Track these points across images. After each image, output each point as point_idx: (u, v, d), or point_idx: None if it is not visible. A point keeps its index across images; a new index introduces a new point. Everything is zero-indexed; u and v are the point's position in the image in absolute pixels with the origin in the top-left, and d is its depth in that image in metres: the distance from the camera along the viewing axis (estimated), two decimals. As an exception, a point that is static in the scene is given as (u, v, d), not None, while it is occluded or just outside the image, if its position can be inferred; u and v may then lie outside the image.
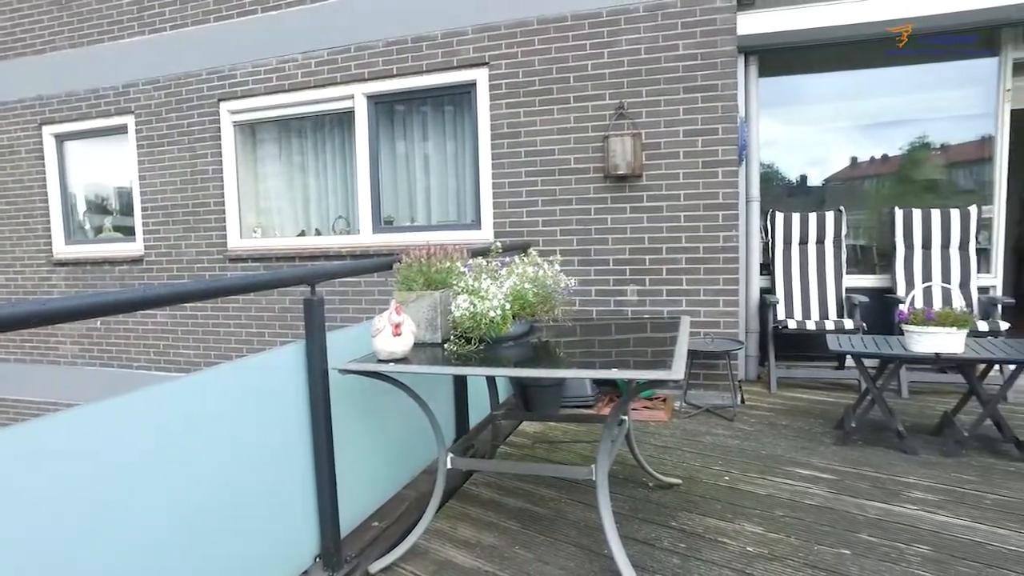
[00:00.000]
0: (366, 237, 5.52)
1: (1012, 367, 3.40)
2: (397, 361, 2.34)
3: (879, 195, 5.27)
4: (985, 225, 4.87)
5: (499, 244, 2.85)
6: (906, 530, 2.67)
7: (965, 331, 3.26)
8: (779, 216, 4.95)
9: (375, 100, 5.41)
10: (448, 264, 2.68)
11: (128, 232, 6.58)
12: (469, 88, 5.10)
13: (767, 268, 5.06)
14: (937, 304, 4.63)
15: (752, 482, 3.18)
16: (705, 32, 4.45)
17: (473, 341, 2.49)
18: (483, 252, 2.87)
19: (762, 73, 5.11)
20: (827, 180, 5.39)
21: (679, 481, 3.17)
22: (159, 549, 1.77)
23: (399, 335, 2.34)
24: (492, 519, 2.89)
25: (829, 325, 4.55)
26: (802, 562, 2.45)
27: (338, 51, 5.36)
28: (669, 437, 3.86)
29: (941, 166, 5.14)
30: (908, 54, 5.04)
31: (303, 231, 5.99)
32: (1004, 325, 4.31)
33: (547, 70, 4.75)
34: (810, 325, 4.60)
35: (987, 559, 2.44)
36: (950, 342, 3.25)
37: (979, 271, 4.75)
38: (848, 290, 4.90)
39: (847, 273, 5.05)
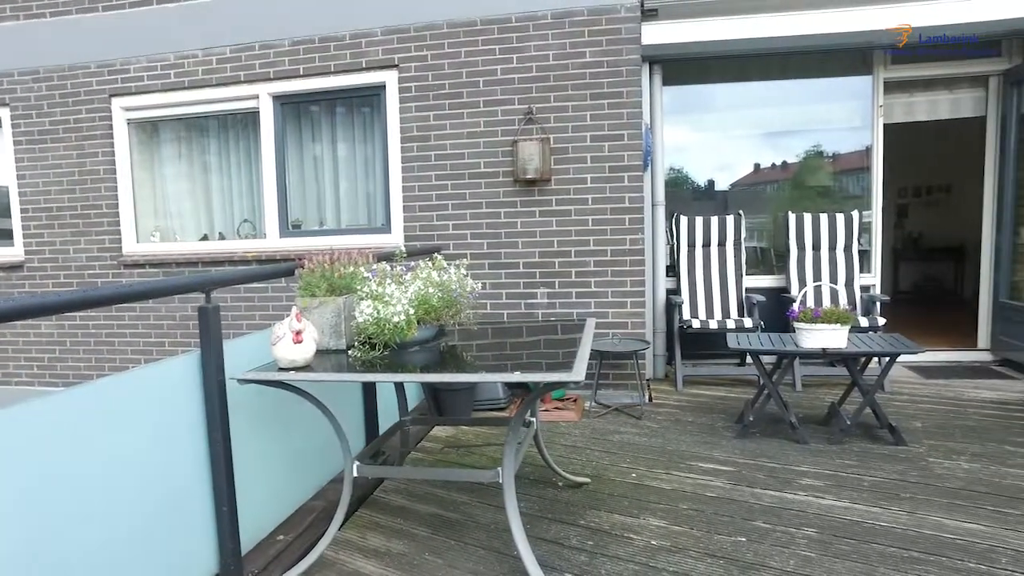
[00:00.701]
0: (273, 241, 5.34)
1: (887, 359, 3.68)
2: (299, 369, 2.28)
3: (778, 200, 5.58)
4: (866, 229, 5.24)
5: (403, 249, 2.82)
6: (797, 515, 2.83)
7: (847, 327, 3.50)
8: (683, 220, 5.15)
9: (281, 100, 5.25)
10: (352, 269, 2.63)
11: (4, 236, 6.09)
12: (378, 90, 5.03)
13: (673, 270, 5.25)
14: (826, 302, 4.94)
15: (658, 478, 3.28)
16: (611, 41, 4.58)
17: (378, 347, 2.46)
18: (388, 257, 2.84)
19: (666, 82, 5.30)
20: (733, 185, 5.67)
21: (588, 480, 3.24)
22: (32, 578, 1.65)
23: (300, 342, 2.28)
24: (402, 526, 2.86)
25: (730, 324, 4.77)
26: (703, 552, 2.56)
27: (241, 48, 5.17)
28: (579, 437, 3.93)
29: (831, 174, 5.51)
30: (798, 69, 5.38)
31: (206, 235, 5.73)
32: (881, 321, 4.65)
33: (457, 74, 4.76)
34: (713, 324, 4.81)
35: (863, 536, 2.62)
36: (835, 338, 3.47)
37: (861, 271, 5.10)
38: (748, 290, 5.15)
39: (748, 274, 5.32)
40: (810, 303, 4.83)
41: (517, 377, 2.03)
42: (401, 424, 3.21)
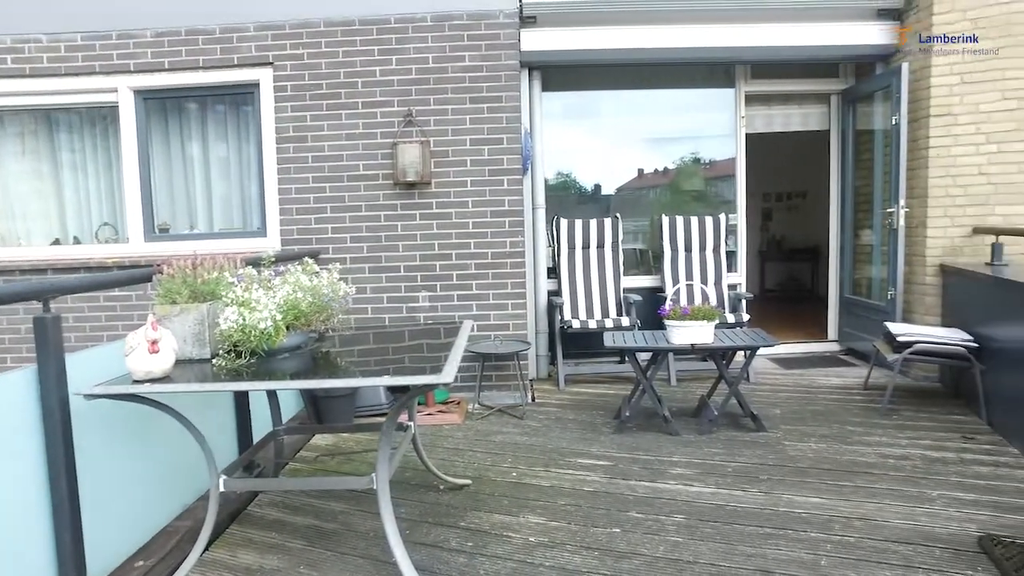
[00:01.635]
0: (137, 246, 4.98)
1: (749, 352, 3.95)
2: (156, 381, 2.14)
3: (658, 204, 5.87)
4: (732, 231, 5.60)
5: (271, 253, 2.72)
6: (667, 504, 2.97)
7: (713, 323, 3.72)
8: (563, 222, 5.28)
9: (144, 95, 4.91)
10: (216, 275, 2.50)
11: None
12: (252, 88, 4.82)
13: (554, 272, 5.38)
14: (698, 300, 5.23)
15: (537, 475, 3.35)
16: (490, 45, 4.63)
17: (244, 355, 2.35)
18: (255, 262, 2.73)
19: (546, 88, 5.43)
20: (619, 190, 5.91)
21: (468, 481, 3.25)
22: None
23: (157, 352, 2.14)
24: (276, 540, 2.75)
25: (609, 323, 4.95)
26: (579, 545, 2.63)
27: (95, 36, 4.78)
28: (462, 439, 3.94)
29: (705, 179, 5.87)
30: (670, 79, 5.68)
31: (58, 239, 5.26)
32: (746, 317, 4.98)
33: (334, 74, 4.64)
34: (592, 324, 4.96)
35: (725, 518, 2.80)
36: (702, 333, 3.69)
37: (728, 271, 5.44)
38: (626, 290, 5.35)
39: (628, 274, 5.55)
40: (683, 301, 5.10)
41: (386, 381, 2.00)
42: (275, 434, 3.09)
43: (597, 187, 5.91)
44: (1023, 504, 2.82)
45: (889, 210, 5.00)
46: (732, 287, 5.41)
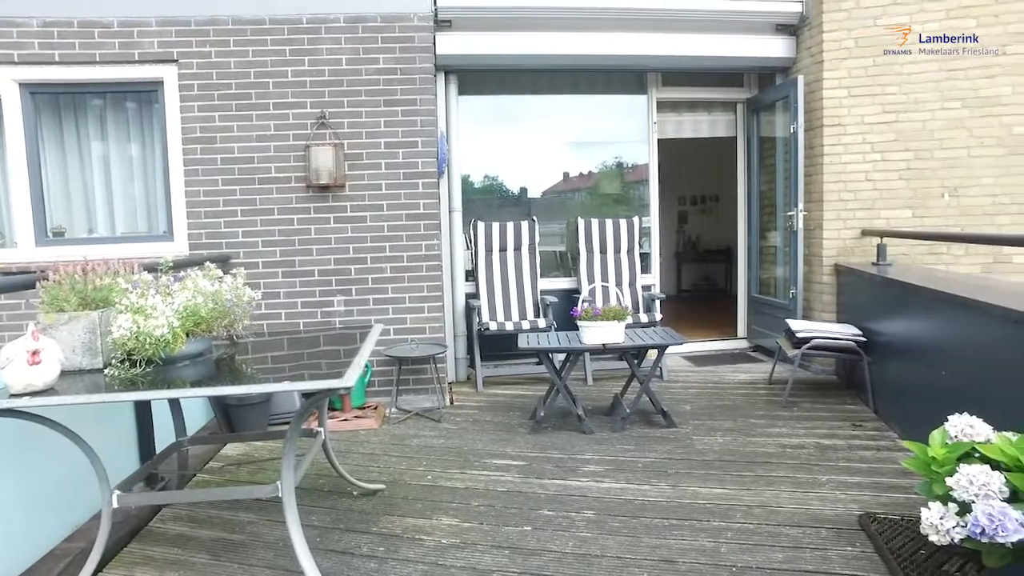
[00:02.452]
0: (27, 251, 4.68)
1: (661, 350, 4.09)
2: (37, 394, 2.03)
3: (580, 207, 5.99)
4: (646, 233, 5.78)
5: (170, 258, 2.62)
6: (578, 500, 3.04)
7: (623, 323, 3.84)
8: (480, 225, 5.31)
9: (32, 90, 4.61)
10: (109, 281, 2.39)
11: None
12: (156, 86, 4.62)
13: (472, 274, 5.40)
14: (613, 301, 5.36)
15: (452, 478, 3.36)
16: (404, 48, 4.61)
17: (140, 363, 2.26)
18: (153, 267, 2.63)
19: (463, 91, 5.46)
20: (544, 193, 6.00)
21: (383, 486, 3.23)
22: None
23: (38, 364, 2.03)
24: (179, 556, 2.65)
25: (526, 325, 5.01)
26: (490, 544, 2.66)
27: (-28, 25, 4.46)
28: (378, 444, 3.91)
29: (624, 183, 6.03)
30: (586, 85, 5.81)
31: (-66, 245, 4.88)
32: (659, 316, 5.16)
33: (244, 73, 4.51)
34: (509, 326, 5.02)
35: (633, 512, 2.89)
36: (612, 333, 3.79)
37: (642, 272, 5.61)
38: (544, 292, 5.43)
39: (549, 276, 5.65)
40: (599, 302, 5.21)
41: (285, 387, 1.98)
42: (178, 445, 2.98)
43: (518, 190, 5.98)
44: (898, 483, 3.04)
45: (789, 213, 5.28)
46: (646, 288, 5.58)
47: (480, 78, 5.60)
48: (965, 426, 2.27)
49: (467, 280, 5.45)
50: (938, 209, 4.97)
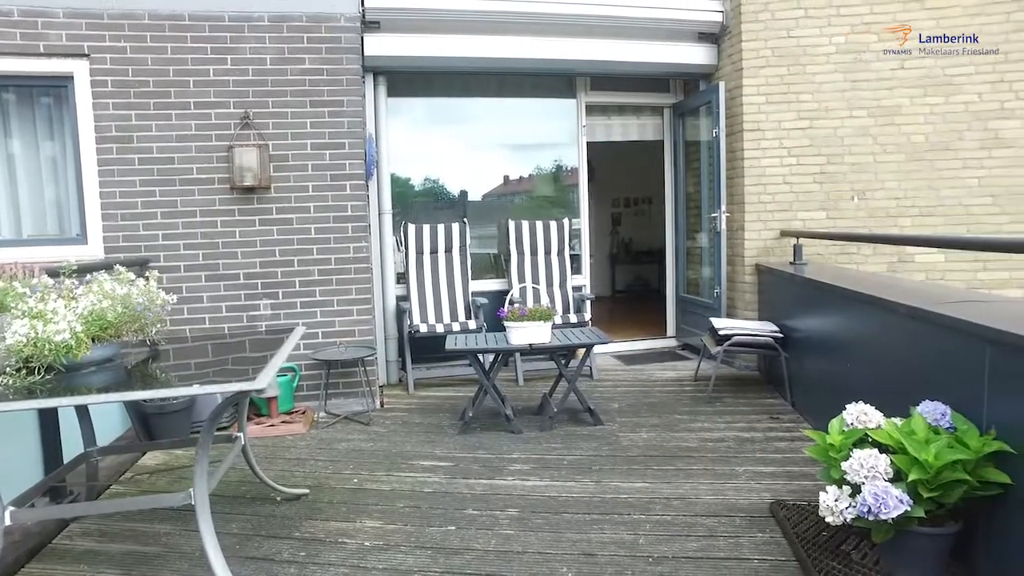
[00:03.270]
0: (-77, 255, 4.41)
1: (588, 349, 4.17)
2: (-77, 404, 1.92)
3: (512, 208, 6.05)
4: (576, 235, 5.87)
5: (72, 261, 2.53)
6: (503, 498, 3.07)
7: (550, 323, 3.90)
8: (411, 227, 5.30)
9: (-76, 82, 4.36)
10: (3, 285, 2.29)
11: None
12: (66, 81, 4.42)
13: (404, 277, 5.37)
14: (544, 302, 5.41)
15: (379, 480, 3.34)
16: (331, 49, 4.56)
17: (38, 370, 2.16)
18: (54, 272, 2.53)
19: (394, 93, 5.44)
20: (472, 194, 6.02)
21: (307, 491, 3.18)
22: None
23: (-76, 372, 1.93)
24: (85, 573, 2.54)
25: (456, 327, 5.02)
26: (413, 545, 2.66)
27: None
28: (305, 448, 3.85)
29: (558, 185, 6.11)
30: (515, 89, 5.87)
31: None
32: (587, 316, 5.25)
33: (163, 71, 4.37)
34: (440, 328, 5.01)
35: (556, 508, 2.94)
36: (539, 333, 3.85)
37: (573, 273, 5.70)
38: (476, 293, 5.45)
39: (482, 278, 5.68)
40: (529, 303, 5.27)
41: (195, 390, 1.94)
42: (86, 456, 2.86)
43: (452, 192, 5.99)
44: (808, 471, 3.19)
45: (713, 215, 5.47)
46: (577, 288, 5.67)
47: (410, 80, 5.59)
48: (860, 414, 2.41)
49: (399, 282, 5.43)
50: (849, 211, 5.24)
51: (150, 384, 2.32)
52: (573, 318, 5.23)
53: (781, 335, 4.49)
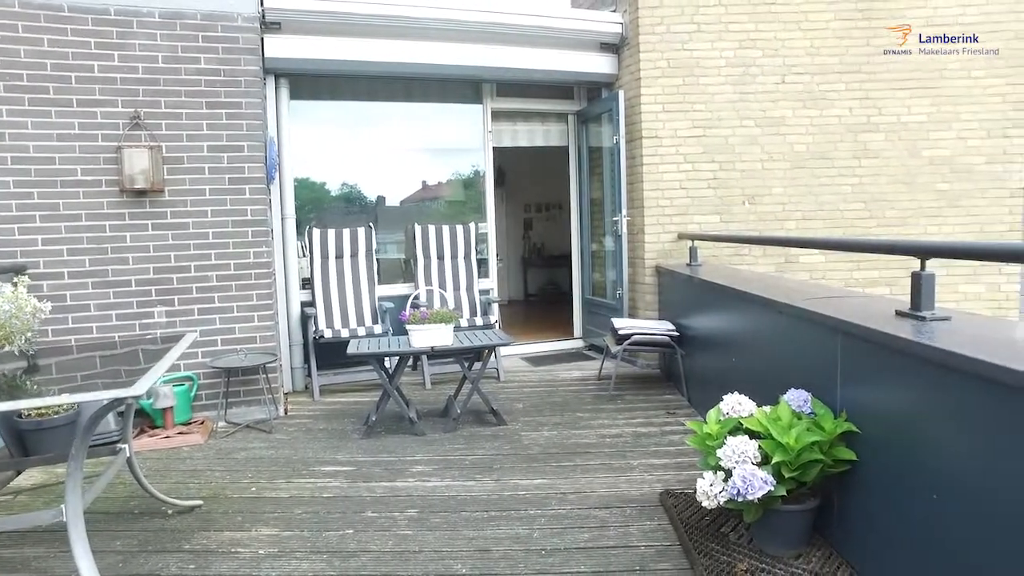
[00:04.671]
0: None
1: (493, 351, 4.24)
2: None
3: (422, 213, 6.06)
4: (483, 239, 5.95)
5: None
6: (403, 500, 3.09)
7: (451, 326, 3.94)
8: (315, 232, 5.22)
9: None
10: None
11: None
12: (-73, 75, 4.12)
13: (309, 282, 5.29)
14: (451, 305, 5.46)
15: (278, 488, 3.28)
16: (228, 49, 4.44)
17: None
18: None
19: (297, 96, 5.35)
20: (382, 198, 6.01)
21: (200, 502, 3.09)
22: None
23: None
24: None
25: (362, 331, 4.99)
26: (309, 551, 2.64)
27: None
28: (202, 459, 3.73)
29: (466, 189, 6.17)
30: (422, 94, 5.88)
31: None
32: (494, 319, 5.33)
33: (39, 64, 4.12)
34: (345, 333, 4.97)
35: (455, 507, 2.99)
36: (440, 336, 3.88)
37: (480, 276, 5.77)
38: (384, 298, 5.43)
39: (390, 282, 5.66)
40: (436, 306, 5.28)
41: (66, 399, 1.86)
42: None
43: (360, 196, 5.95)
44: (697, 461, 3.35)
45: (615, 219, 5.67)
46: (483, 292, 5.74)
47: (315, 83, 5.52)
48: (735, 404, 2.58)
49: (304, 288, 5.34)
50: (740, 215, 5.55)
51: (16, 395, 2.20)
52: (479, 321, 5.30)
53: (677, 333, 4.71)
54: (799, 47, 5.46)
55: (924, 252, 2.22)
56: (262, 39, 4.72)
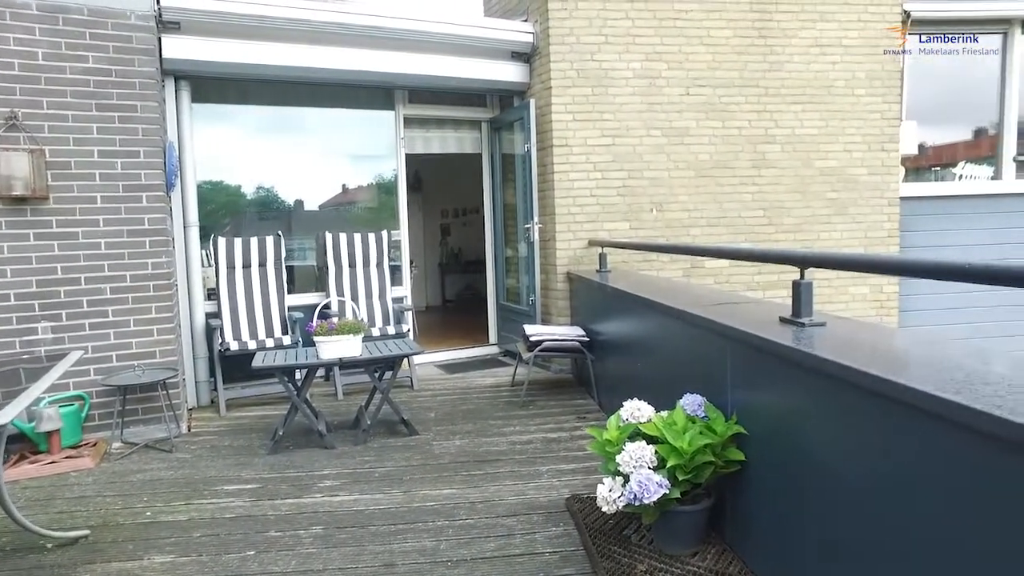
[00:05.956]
0: None
1: (399, 361, 4.20)
2: None
3: (338, 220, 5.93)
4: (396, 246, 5.89)
5: None
6: (308, 517, 3.02)
7: (360, 336, 3.88)
8: (221, 241, 5.03)
9: None
10: None
11: None
12: None
13: (215, 293, 5.08)
14: (363, 315, 5.38)
15: (175, 511, 3.14)
16: (120, 48, 4.22)
17: None
18: None
19: (203, 99, 5.15)
20: (296, 205, 5.87)
21: (86, 532, 2.91)
22: None
23: None
24: None
25: (270, 343, 4.84)
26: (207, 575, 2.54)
27: None
28: (91, 485, 3.51)
29: (380, 196, 6.08)
30: (333, 99, 5.77)
31: None
32: (407, 328, 5.30)
33: None
34: (252, 345, 4.81)
35: (362, 522, 2.95)
36: (349, 347, 3.82)
37: (393, 284, 5.71)
38: (294, 308, 5.28)
39: (304, 291, 5.53)
40: (348, 315, 5.20)
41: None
42: None
43: (274, 203, 5.77)
44: (599, 466, 3.45)
45: (527, 226, 5.74)
46: (397, 300, 5.68)
47: (221, 87, 5.32)
48: (634, 410, 2.66)
49: (210, 299, 5.13)
50: (648, 221, 5.73)
51: None
52: (392, 330, 5.24)
53: (588, 339, 4.81)
54: (702, 61, 5.70)
55: (801, 262, 2.36)
56: (159, 39, 4.52)
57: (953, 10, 6.12)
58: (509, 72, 5.87)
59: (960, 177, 6.73)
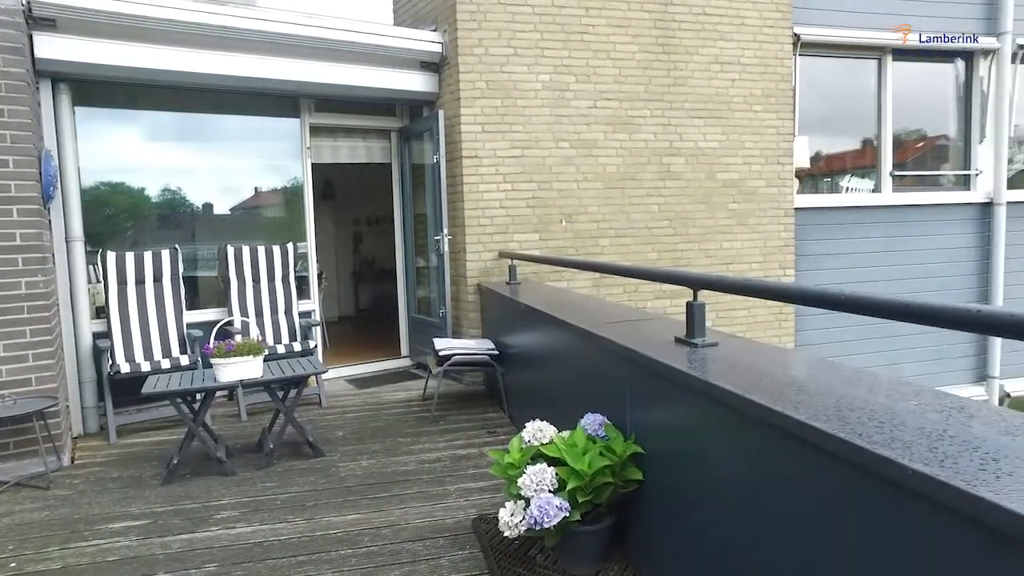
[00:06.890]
0: None
1: (302, 381, 4.06)
2: None
3: (242, 231, 5.68)
4: (303, 258, 5.71)
5: None
6: (202, 554, 2.86)
7: (260, 357, 3.73)
8: (111, 256, 4.71)
9: None
10: None
11: None
12: None
13: (104, 311, 4.76)
14: (268, 331, 5.18)
15: (48, 558, 2.89)
16: (-18, 47, 3.89)
17: None
18: None
19: (82, 103, 4.81)
20: (205, 217, 5.61)
21: (-60, 588, 2.66)
22: None
23: None
24: None
25: (166, 364, 4.57)
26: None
27: None
28: (-50, 532, 3.21)
29: (285, 206, 5.87)
30: (234, 106, 5.52)
31: None
32: (314, 343, 5.14)
33: None
34: (146, 366, 4.52)
35: (260, 556, 2.82)
36: (249, 369, 3.66)
37: (300, 298, 5.53)
38: (192, 325, 5.01)
39: (206, 307, 5.28)
40: (254, 334, 4.98)
41: None
42: None
43: (175, 212, 5.48)
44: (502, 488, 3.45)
45: (436, 237, 5.68)
46: (304, 314, 5.50)
47: (109, 91, 4.99)
48: (536, 431, 2.67)
49: (98, 318, 4.80)
50: (558, 232, 5.80)
51: None
52: (297, 346, 5.07)
53: (497, 352, 4.81)
54: (609, 75, 5.82)
55: (695, 284, 2.44)
56: (30, 36, 4.20)
57: (836, 36, 6.53)
58: (418, 82, 5.79)
59: (846, 189, 7.18)
